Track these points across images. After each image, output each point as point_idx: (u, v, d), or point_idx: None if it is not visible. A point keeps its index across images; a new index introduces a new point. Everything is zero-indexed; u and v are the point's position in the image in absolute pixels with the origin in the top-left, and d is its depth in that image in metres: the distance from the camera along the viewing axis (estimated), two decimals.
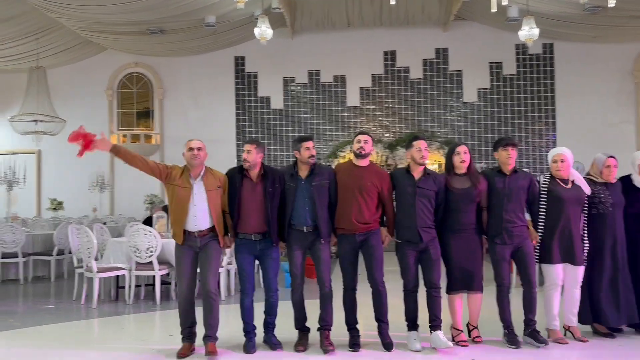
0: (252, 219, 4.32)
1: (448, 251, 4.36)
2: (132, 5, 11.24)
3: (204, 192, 4.20)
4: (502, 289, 4.38)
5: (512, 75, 14.34)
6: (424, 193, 4.29)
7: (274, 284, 4.49)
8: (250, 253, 4.42)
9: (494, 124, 14.33)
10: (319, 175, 4.42)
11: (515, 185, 4.34)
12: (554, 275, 4.40)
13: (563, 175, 4.47)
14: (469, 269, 4.34)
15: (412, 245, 4.31)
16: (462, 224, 4.34)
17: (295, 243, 4.43)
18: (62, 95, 14.59)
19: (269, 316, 4.52)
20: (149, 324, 5.78)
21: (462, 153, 4.38)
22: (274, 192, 4.36)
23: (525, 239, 4.36)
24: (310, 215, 4.36)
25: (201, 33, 13.40)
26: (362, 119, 14.74)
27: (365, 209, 4.34)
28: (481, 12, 13.39)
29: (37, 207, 15.09)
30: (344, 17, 13.98)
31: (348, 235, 4.39)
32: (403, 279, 4.40)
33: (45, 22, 12.45)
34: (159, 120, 15.26)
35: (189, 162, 4.23)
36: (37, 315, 6.10)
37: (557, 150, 4.57)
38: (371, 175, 4.41)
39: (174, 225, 4.25)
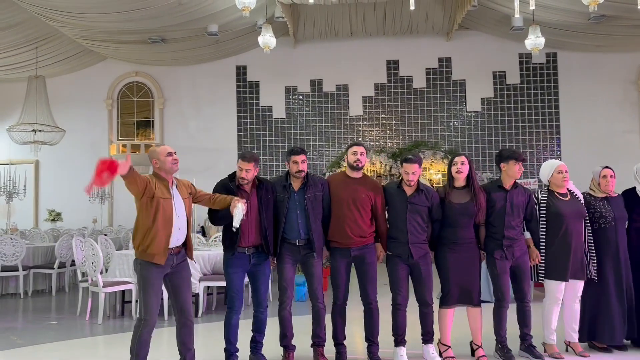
0: (248, 232, 4.16)
1: (445, 265, 4.26)
2: (134, 13, 11.11)
3: (181, 202, 3.82)
4: (501, 303, 4.27)
5: (516, 85, 14.29)
6: (416, 209, 4.20)
7: (265, 300, 4.34)
8: (243, 268, 4.25)
9: (497, 133, 14.25)
10: (313, 186, 4.30)
11: (516, 201, 4.26)
12: (556, 290, 4.31)
13: (567, 185, 4.40)
14: (467, 284, 4.23)
15: (403, 260, 4.23)
16: (460, 238, 4.23)
17: (286, 256, 4.29)
18: (62, 105, 14.40)
19: (258, 334, 4.34)
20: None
21: (459, 163, 4.26)
22: (268, 202, 4.23)
23: (524, 254, 4.30)
24: (304, 228, 4.23)
25: (203, 42, 13.30)
26: (364, 129, 14.63)
27: (361, 222, 4.24)
28: (485, 21, 13.37)
29: (35, 218, 14.85)
30: (347, 26, 13.92)
31: (342, 249, 4.29)
32: (392, 293, 4.30)
33: (45, 30, 12.30)
34: (160, 130, 15.09)
35: (169, 168, 3.75)
36: (40, 331, 5.88)
37: (557, 162, 4.50)
38: (365, 187, 4.31)
39: (158, 246, 3.65)
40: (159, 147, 3.86)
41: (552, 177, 4.41)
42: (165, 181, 3.76)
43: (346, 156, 4.43)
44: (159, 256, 3.68)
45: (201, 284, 6.41)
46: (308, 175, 4.33)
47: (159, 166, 3.75)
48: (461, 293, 4.24)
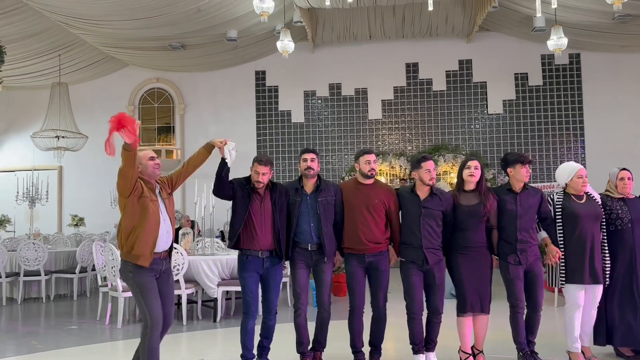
0: (262, 235, 4.15)
1: (457, 271, 4.18)
2: (154, 20, 11.23)
3: (164, 204, 3.76)
4: (516, 309, 4.18)
5: (538, 87, 14.04)
6: (430, 213, 4.14)
7: (274, 306, 4.31)
8: (256, 271, 4.22)
9: (519, 136, 14.01)
10: (325, 190, 4.27)
11: (527, 204, 4.18)
12: (576, 295, 4.21)
13: (585, 189, 4.32)
14: (479, 290, 4.16)
15: (417, 266, 4.15)
16: (470, 242, 4.17)
17: (299, 261, 4.27)
18: (84, 111, 14.61)
19: (266, 339, 4.31)
20: (176, 346, 5.57)
21: (473, 168, 4.21)
22: (281, 205, 4.22)
23: (537, 259, 4.20)
24: (316, 232, 4.21)
25: (222, 48, 13.37)
26: (384, 132, 14.53)
27: (375, 228, 4.20)
28: (506, 22, 13.19)
29: (59, 224, 15.07)
30: (366, 30, 13.87)
31: (357, 255, 4.24)
32: (406, 301, 4.22)
33: (67, 38, 12.51)
34: (180, 135, 15.21)
35: (152, 172, 3.72)
36: (60, 336, 5.93)
37: (577, 166, 4.37)
38: (378, 192, 4.26)
39: (144, 247, 3.56)
40: (141, 151, 3.75)
41: (572, 181, 4.31)
42: (149, 184, 3.72)
43: (356, 164, 4.34)
44: (144, 258, 3.58)
45: (220, 289, 6.41)
46: (321, 180, 4.31)
47: (141, 170, 3.69)
48: (477, 299, 4.15)
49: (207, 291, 6.45)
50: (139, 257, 3.58)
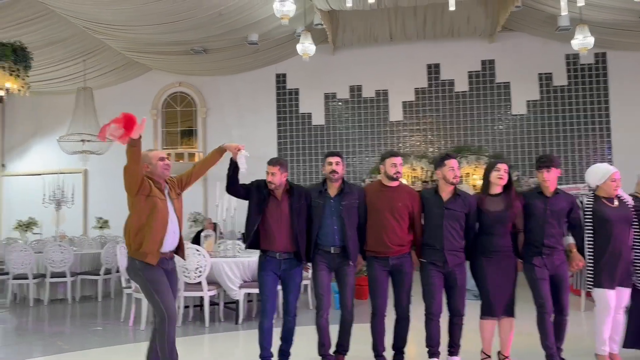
0: (279, 237, 4.17)
1: (482, 275, 4.13)
2: (176, 25, 11.35)
3: (172, 204, 3.77)
4: (543, 310, 4.06)
5: (563, 87, 13.79)
6: (453, 215, 4.09)
7: (294, 308, 4.30)
8: (274, 272, 4.25)
9: (544, 137, 13.78)
10: (349, 194, 4.26)
11: (556, 209, 4.08)
12: (606, 299, 4.12)
13: (617, 193, 4.21)
14: (504, 294, 4.10)
15: (437, 267, 4.10)
16: (496, 246, 4.10)
17: (321, 263, 4.26)
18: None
19: (285, 343, 4.31)
20: (199, 347, 5.61)
21: (503, 170, 4.14)
22: (300, 208, 4.21)
23: (562, 264, 4.13)
24: (339, 236, 4.19)
25: (243, 51, 13.46)
26: (405, 134, 14.44)
27: (399, 230, 4.17)
28: (529, 22, 13.00)
29: (84, 226, 15.33)
30: (386, 31, 13.81)
31: (380, 258, 4.21)
32: (425, 302, 4.19)
33: (92, 44, 12.73)
34: (202, 138, 15.35)
35: (161, 173, 3.74)
36: (86, 337, 6.01)
37: (611, 169, 4.24)
38: (402, 195, 4.23)
39: (151, 245, 3.58)
40: (152, 151, 3.80)
41: (605, 184, 4.20)
42: (158, 184, 3.73)
43: (382, 166, 4.31)
44: (152, 255, 3.58)
45: (241, 291, 6.42)
46: (345, 183, 4.30)
47: (150, 170, 3.72)
48: (498, 303, 4.10)
49: (229, 293, 6.48)
50: (147, 255, 3.58)
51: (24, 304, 8.41)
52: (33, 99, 14.46)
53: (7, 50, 9.79)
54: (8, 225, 15.34)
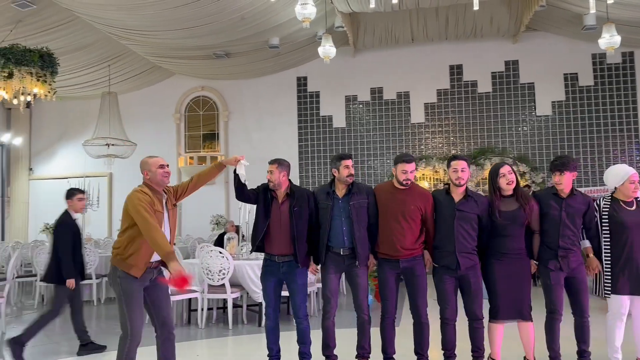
0: (277, 239, 4.17)
1: (493, 277, 4.06)
2: (199, 29, 11.47)
3: (168, 217, 3.75)
4: (554, 316, 4.06)
5: (590, 87, 13.54)
6: (465, 216, 4.02)
7: (302, 310, 4.27)
8: (274, 275, 4.26)
9: (570, 138, 13.54)
10: (358, 194, 4.21)
11: (571, 210, 4.01)
12: (618, 304, 4.04)
13: (636, 195, 4.09)
14: (517, 296, 4.02)
15: (450, 272, 4.05)
16: (509, 248, 4.03)
17: (330, 266, 4.24)
18: (133, 120, 15.06)
19: (302, 345, 4.29)
20: (222, 350, 5.62)
21: (508, 174, 4.05)
22: (300, 211, 4.17)
23: (580, 265, 4.07)
24: (348, 236, 4.16)
25: (265, 55, 13.53)
26: (427, 136, 14.34)
27: (410, 234, 4.12)
28: (554, 21, 12.80)
29: (109, 228, 15.56)
30: (408, 33, 13.73)
31: (391, 261, 4.17)
32: (440, 307, 4.15)
33: (116, 49, 12.94)
34: (224, 141, 15.46)
35: (160, 181, 3.70)
36: (111, 338, 6.05)
37: (630, 170, 4.13)
38: (414, 198, 4.16)
39: (139, 258, 3.56)
40: (152, 158, 3.76)
41: (623, 186, 4.10)
42: (158, 194, 3.71)
43: (394, 169, 4.24)
44: (137, 269, 3.57)
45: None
46: (353, 183, 4.26)
47: (150, 177, 3.70)
48: (511, 307, 4.03)
49: (252, 295, 6.49)
50: (132, 267, 3.57)
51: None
52: (59, 104, 14.77)
53: (34, 56, 10.01)
54: (35, 228, 15.65)
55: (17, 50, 9.90)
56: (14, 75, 9.87)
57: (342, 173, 4.22)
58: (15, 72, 9.85)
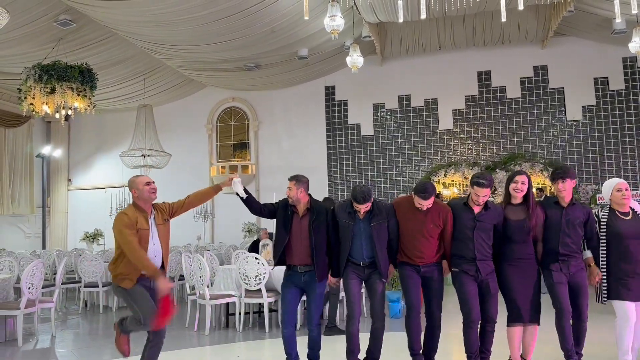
0: (298, 251, 4.34)
1: (506, 282, 4.20)
2: (231, 43, 11.81)
3: (156, 229, 3.95)
4: (562, 313, 4.13)
5: (620, 91, 13.40)
6: (484, 227, 4.18)
7: (316, 318, 4.41)
8: (296, 285, 4.42)
9: (601, 142, 13.40)
10: (378, 215, 4.34)
11: (571, 218, 4.15)
12: (624, 310, 4.11)
13: (627, 203, 4.21)
14: (528, 300, 4.16)
15: (470, 276, 4.18)
16: (519, 254, 4.19)
17: (351, 273, 4.39)
18: (167, 131, 15.51)
19: (312, 350, 4.43)
20: (259, 352, 5.82)
21: (520, 183, 4.20)
22: (318, 225, 4.33)
23: (580, 270, 4.19)
24: (368, 253, 4.33)
25: (294, 66, 13.80)
26: (455, 142, 14.37)
27: (428, 249, 4.29)
28: (583, 26, 12.75)
29: None
30: (435, 40, 13.84)
31: (412, 265, 4.34)
32: (463, 310, 4.21)
33: (151, 63, 13.40)
34: (255, 151, 15.79)
35: (147, 197, 3.92)
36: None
37: (616, 180, 4.31)
38: (433, 215, 4.27)
39: (130, 272, 3.81)
40: (138, 177, 4.00)
41: (612, 196, 4.25)
42: (145, 212, 3.90)
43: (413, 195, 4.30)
44: (128, 281, 3.80)
45: None
46: (374, 203, 4.37)
47: (138, 195, 3.91)
48: (527, 310, 4.17)
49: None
50: (124, 280, 3.82)
51: (94, 310, 8.92)
52: (97, 117, 15.31)
53: (75, 72, 10.47)
54: (74, 236, 16.21)
55: (59, 66, 10.38)
56: (56, 90, 10.35)
57: (359, 212, 4.35)
58: (57, 88, 10.32)
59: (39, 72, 10.26)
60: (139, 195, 3.91)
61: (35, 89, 10.30)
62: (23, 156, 15.87)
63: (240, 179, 4.40)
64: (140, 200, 3.92)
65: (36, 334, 6.62)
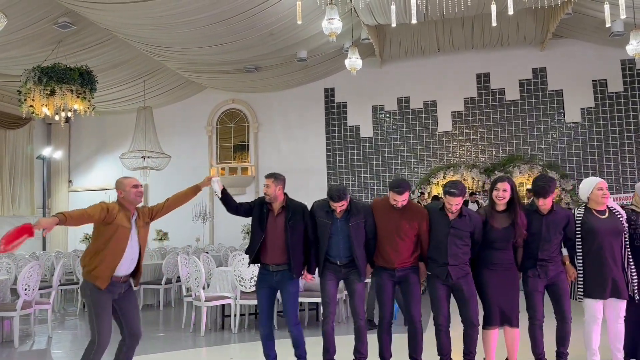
0: (272, 250, 4.35)
1: (485, 286, 4.25)
2: (230, 45, 11.86)
3: (136, 232, 3.92)
4: (534, 321, 4.24)
5: (619, 93, 13.42)
6: (458, 234, 4.19)
7: (294, 317, 4.41)
8: (268, 284, 4.42)
9: (600, 145, 13.42)
10: (356, 215, 4.37)
11: (552, 226, 4.20)
12: (593, 309, 4.16)
13: (606, 202, 4.25)
14: (507, 304, 4.21)
15: (442, 280, 4.23)
16: (499, 260, 4.24)
17: (328, 273, 4.42)
18: (167, 133, 15.57)
19: (297, 349, 4.43)
20: (254, 352, 5.84)
21: (501, 190, 4.20)
22: (294, 223, 4.35)
23: (560, 273, 4.24)
24: (345, 252, 4.36)
25: (293, 68, 13.85)
26: (454, 144, 14.40)
27: (404, 250, 4.30)
28: (581, 28, 12.77)
29: None
30: (434, 43, 13.87)
31: (387, 269, 4.35)
32: (433, 313, 4.30)
33: (151, 65, 13.45)
34: (254, 152, 15.83)
35: (133, 199, 3.92)
36: (148, 343, 6.36)
37: (596, 179, 4.34)
38: (409, 216, 4.30)
39: (103, 270, 3.74)
40: (126, 179, 4.00)
41: (592, 194, 4.27)
42: (128, 211, 3.90)
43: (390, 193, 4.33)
44: (102, 280, 3.74)
45: None
46: (351, 202, 4.41)
47: (124, 196, 3.91)
48: (502, 314, 4.22)
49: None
50: (98, 279, 3.75)
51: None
52: (97, 119, 15.36)
53: (74, 74, 10.53)
54: (74, 238, 16.27)
55: (59, 68, 10.44)
56: (55, 92, 10.41)
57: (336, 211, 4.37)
58: (57, 90, 10.39)
59: (39, 74, 10.32)
60: (124, 197, 3.92)
61: (35, 91, 10.36)
62: (24, 157, 15.93)
63: (218, 178, 4.41)
64: (126, 201, 3.93)
65: (32, 335, 6.66)
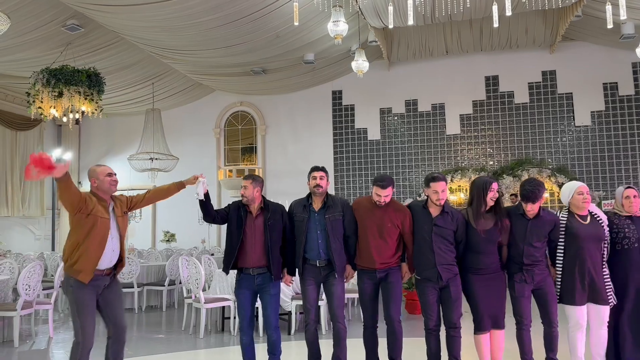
0: (251, 252, 4.26)
1: (471, 290, 4.21)
2: (237, 48, 11.88)
3: (116, 222, 3.81)
4: (521, 326, 4.23)
5: (630, 96, 13.23)
6: (442, 232, 4.15)
7: (274, 321, 4.34)
8: (249, 288, 4.33)
9: (610, 148, 13.24)
10: (333, 207, 4.32)
11: (536, 230, 4.17)
12: (577, 316, 4.13)
13: (587, 207, 4.22)
14: (494, 308, 4.20)
15: (432, 283, 4.16)
16: (484, 264, 4.21)
17: (308, 277, 4.36)
18: (175, 135, 15.65)
19: (272, 355, 4.36)
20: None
21: (496, 191, 4.20)
22: (274, 224, 4.28)
23: (546, 277, 4.21)
24: (324, 248, 4.28)
25: (300, 70, 13.85)
26: (462, 147, 14.30)
27: (386, 249, 4.25)
28: (591, 31, 12.62)
29: (152, 239, 16.13)
30: (442, 45, 13.80)
31: (368, 271, 4.31)
32: (424, 317, 4.24)
33: (160, 68, 13.53)
34: (262, 154, 15.85)
35: (107, 189, 3.80)
36: (150, 344, 6.38)
37: (578, 183, 4.32)
38: (391, 214, 4.26)
39: (86, 263, 3.62)
40: (99, 167, 3.88)
41: (573, 199, 4.25)
42: (104, 201, 3.78)
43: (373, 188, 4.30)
44: (85, 274, 3.63)
45: (293, 302, 6.61)
46: (328, 197, 4.38)
47: (97, 185, 3.79)
48: (491, 317, 4.19)
49: (282, 305, 6.67)
50: (80, 272, 3.63)
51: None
52: (106, 121, 15.51)
53: (82, 76, 10.62)
54: None
55: (67, 70, 10.53)
56: (63, 94, 10.50)
57: (310, 184, 4.36)
58: (65, 92, 10.48)
59: (47, 76, 10.42)
60: (98, 186, 3.81)
61: (43, 92, 10.46)
62: None
63: (205, 180, 4.31)
64: (100, 190, 3.82)
65: (33, 336, 6.70)
